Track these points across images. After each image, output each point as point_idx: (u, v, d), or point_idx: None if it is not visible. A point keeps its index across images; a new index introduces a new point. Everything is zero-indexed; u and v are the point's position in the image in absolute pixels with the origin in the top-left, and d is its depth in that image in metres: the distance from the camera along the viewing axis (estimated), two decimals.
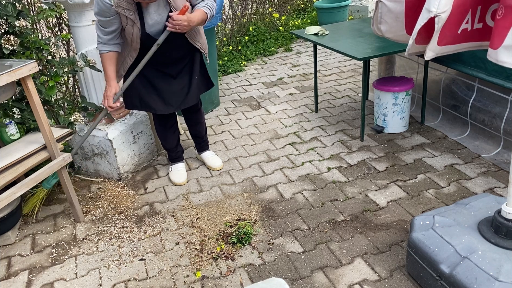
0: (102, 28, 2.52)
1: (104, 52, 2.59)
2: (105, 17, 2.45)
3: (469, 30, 2.00)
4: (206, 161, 3.22)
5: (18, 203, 2.64)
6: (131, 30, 2.50)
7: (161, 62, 2.69)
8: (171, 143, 3.08)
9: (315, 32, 3.68)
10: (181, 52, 2.71)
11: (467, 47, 2.09)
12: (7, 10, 2.53)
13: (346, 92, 4.41)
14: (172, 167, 3.16)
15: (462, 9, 1.90)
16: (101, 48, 2.59)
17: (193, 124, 3.11)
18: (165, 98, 2.77)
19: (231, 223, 2.63)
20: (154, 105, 2.78)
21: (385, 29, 2.27)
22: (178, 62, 2.74)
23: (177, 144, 3.13)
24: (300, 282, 2.17)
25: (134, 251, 2.48)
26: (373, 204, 2.69)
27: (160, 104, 2.78)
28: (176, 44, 2.64)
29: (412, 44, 2.08)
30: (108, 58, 2.60)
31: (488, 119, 3.11)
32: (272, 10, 6.89)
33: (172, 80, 2.76)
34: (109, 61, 2.60)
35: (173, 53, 2.68)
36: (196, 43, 2.70)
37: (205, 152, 3.26)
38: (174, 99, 2.78)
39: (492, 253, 1.82)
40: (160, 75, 2.74)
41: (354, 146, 3.37)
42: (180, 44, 2.66)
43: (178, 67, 2.75)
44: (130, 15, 2.42)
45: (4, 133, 2.59)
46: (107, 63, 2.61)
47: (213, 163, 3.19)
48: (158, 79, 2.75)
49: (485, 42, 2.04)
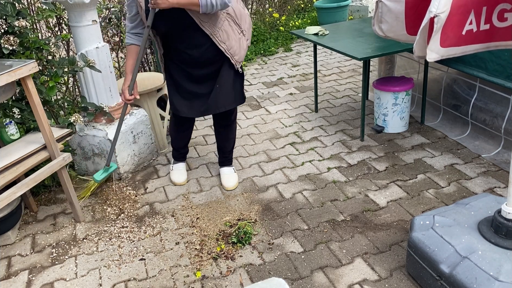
0: (128, 14, 2.58)
1: (127, 44, 2.65)
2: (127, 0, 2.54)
3: (475, 32, 1.99)
4: (221, 178, 3.04)
5: (18, 203, 2.65)
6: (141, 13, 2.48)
7: (187, 62, 2.60)
8: (179, 143, 3.07)
9: (315, 32, 3.68)
10: (207, 54, 2.55)
11: (474, 49, 2.07)
12: (6, 10, 2.53)
13: (346, 92, 4.41)
14: (173, 166, 3.15)
15: (464, 9, 1.89)
16: (126, 40, 2.66)
17: (221, 139, 2.99)
18: (189, 102, 2.70)
19: (231, 223, 2.63)
20: (178, 106, 2.73)
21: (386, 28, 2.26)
22: (205, 66, 2.60)
23: (185, 146, 3.11)
24: (300, 282, 2.17)
25: (134, 251, 2.48)
26: (373, 204, 2.69)
27: (184, 107, 2.72)
28: (196, 41, 2.51)
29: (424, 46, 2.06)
30: (129, 51, 2.64)
31: (490, 118, 3.11)
32: (272, 10, 6.89)
33: (197, 85, 2.66)
34: (129, 54, 2.64)
35: (195, 52, 2.54)
36: (221, 44, 2.52)
37: (224, 168, 3.07)
38: (197, 104, 2.69)
39: (492, 253, 1.82)
40: (185, 76, 2.66)
41: (354, 146, 3.37)
42: (202, 42, 2.51)
43: (204, 71, 2.62)
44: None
45: (4, 133, 2.59)
46: (127, 55, 2.65)
47: (226, 182, 2.99)
48: (184, 80, 2.67)
49: (493, 43, 2.03)
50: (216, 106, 2.68)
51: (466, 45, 2.03)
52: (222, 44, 2.53)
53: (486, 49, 2.09)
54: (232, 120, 2.90)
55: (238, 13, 2.60)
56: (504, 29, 1.96)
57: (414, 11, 2.15)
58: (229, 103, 2.70)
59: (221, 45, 2.53)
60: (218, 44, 2.52)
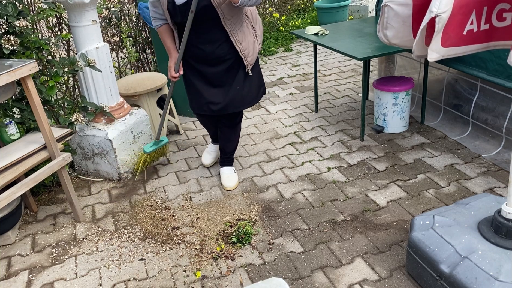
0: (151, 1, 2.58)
1: (158, 26, 2.64)
2: None
3: (476, 32, 1.99)
4: (221, 177, 3.04)
5: (18, 203, 2.65)
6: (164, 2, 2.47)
7: (197, 56, 2.60)
8: (209, 131, 3.21)
9: (315, 32, 3.68)
10: (219, 51, 2.55)
11: (475, 49, 2.07)
12: (7, 10, 2.53)
13: (346, 92, 4.41)
14: (209, 146, 3.31)
15: (466, 9, 1.89)
16: (155, 23, 2.64)
17: (224, 139, 2.99)
18: (200, 99, 2.72)
19: (231, 223, 2.63)
20: (191, 102, 2.82)
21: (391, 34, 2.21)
22: (215, 64, 2.60)
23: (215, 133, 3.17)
24: (300, 282, 2.17)
25: (134, 251, 2.48)
26: (373, 204, 2.69)
27: (195, 103, 2.79)
28: (212, 36, 2.51)
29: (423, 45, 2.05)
30: (164, 32, 2.64)
31: (491, 118, 3.11)
32: (272, 10, 6.89)
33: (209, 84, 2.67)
34: (165, 34, 2.64)
35: (208, 48, 2.53)
36: (237, 44, 2.53)
37: (224, 168, 3.07)
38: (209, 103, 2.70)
39: (492, 253, 1.82)
40: (197, 74, 2.67)
41: (354, 146, 3.37)
42: (217, 38, 2.51)
43: (213, 70, 2.62)
44: None
45: (4, 133, 2.59)
46: (164, 36, 2.65)
47: (226, 182, 2.99)
48: (196, 79, 2.69)
49: (492, 42, 2.03)
50: (234, 105, 2.73)
51: (467, 45, 2.03)
52: (238, 44, 2.55)
53: (486, 49, 2.09)
54: (238, 122, 2.93)
55: (255, 17, 2.69)
56: (503, 29, 1.96)
57: (421, 15, 2.12)
58: (246, 103, 2.78)
59: (238, 45, 2.55)
60: (235, 43, 2.54)
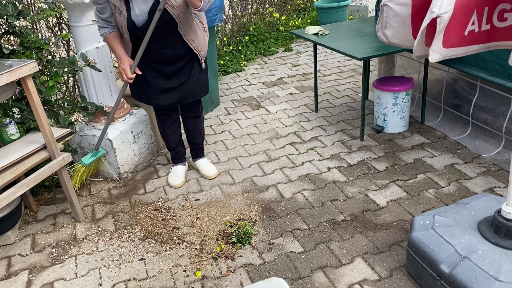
0: (99, 13, 2.58)
1: (106, 33, 2.62)
2: (98, 4, 2.53)
3: (477, 32, 1.99)
4: (201, 169, 3.15)
5: (18, 203, 2.65)
6: (119, 19, 2.51)
7: (156, 59, 2.66)
8: (171, 142, 3.08)
9: (315, 32, 3.68)
10: (178, 52, 2.65)
11: (476, 50, 2.07)
12: (7, 9, 2.52)
13: (346, 92, 4.41)
14: (172, 169, 3.16)
15: (467, 10, 1.89)
16: (102, 31, 2.62)
17: (191, 130, 3.07)
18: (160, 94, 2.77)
19: (231, 223, 2.63)
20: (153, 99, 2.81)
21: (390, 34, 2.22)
22: (174, 62, 2.69)
23: (178, 144, 3.11)
24: (300, 282, 2.17)
25: (134, 251, 2.48)
26: (373, 204, 2.69)
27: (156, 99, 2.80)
28: (170, 41, 2.60)
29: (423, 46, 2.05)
30: (112, 38, 2.63)
31: (491, 118, 3.11)
32: (272, 10, 6.89)
33: (167, 80, 2.73)
34: (113, 40, 2.63)
35: (167, 51, 2.63)
36: (191, 43, 2.64)
37: (200, 160, 3.19)
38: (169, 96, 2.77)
39: (492, 253, 1.82)
40: (155, 73, 2.71)
41: (354, 146, 3.37)
42: (174, 42, 2.61)
43: (174, 67, 2.70)
44: (116, 2, 2.45)
45: (4, 133, 2.59)
46: (112, 43, 2.63)
47: (208, 171, 3.12)
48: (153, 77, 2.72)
49: (493, 43, 2.03)
50: (193, 95, 2.85)
51: (468, 45, 2.03)
52: (192, 43, 2.66)
53: (487, 49, 2.09)
54: (200, 111, 3.05)
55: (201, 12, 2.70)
56: (504, 29, 1.96)
57: (420, 15, 2.12)
58: (203, 92, 2.90)
59: (191, 43, 2.66)
60: (188, 43, 2.64)
